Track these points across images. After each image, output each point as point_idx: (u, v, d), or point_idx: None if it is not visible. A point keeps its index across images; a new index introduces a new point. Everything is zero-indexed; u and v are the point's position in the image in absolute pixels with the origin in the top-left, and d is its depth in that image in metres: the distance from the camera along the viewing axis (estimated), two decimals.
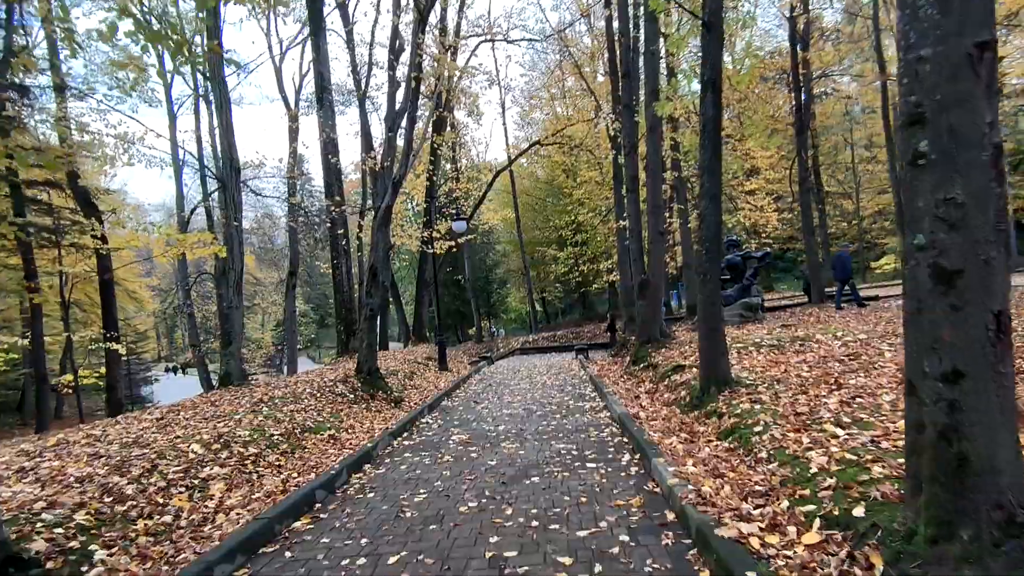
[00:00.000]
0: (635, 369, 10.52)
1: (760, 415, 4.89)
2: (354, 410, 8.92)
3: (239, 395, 8.93)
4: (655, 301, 11.03)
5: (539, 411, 8.25)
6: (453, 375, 14.77)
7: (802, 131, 17.37)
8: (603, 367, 13.44)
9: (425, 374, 14.52)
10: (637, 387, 9.17)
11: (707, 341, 6.24)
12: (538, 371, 14.60)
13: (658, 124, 10.82)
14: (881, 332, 8.63)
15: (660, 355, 10.17)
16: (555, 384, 11.28)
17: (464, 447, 6.35)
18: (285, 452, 6.28)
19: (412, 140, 10.65)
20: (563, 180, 33.33)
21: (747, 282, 15.13)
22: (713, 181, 6.14)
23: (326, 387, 9.64)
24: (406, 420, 8.01)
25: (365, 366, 10.61)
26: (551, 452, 5.72)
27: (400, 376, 12.77)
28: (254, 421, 6.94)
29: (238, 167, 9.91)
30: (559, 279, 28.12)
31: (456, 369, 16.80)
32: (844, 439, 3.92)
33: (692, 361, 8.46)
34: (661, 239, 10.96)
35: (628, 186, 11.51)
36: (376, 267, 10.53)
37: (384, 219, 10.50)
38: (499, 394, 10.58)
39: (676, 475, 4.16)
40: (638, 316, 11.26)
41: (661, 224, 10.93)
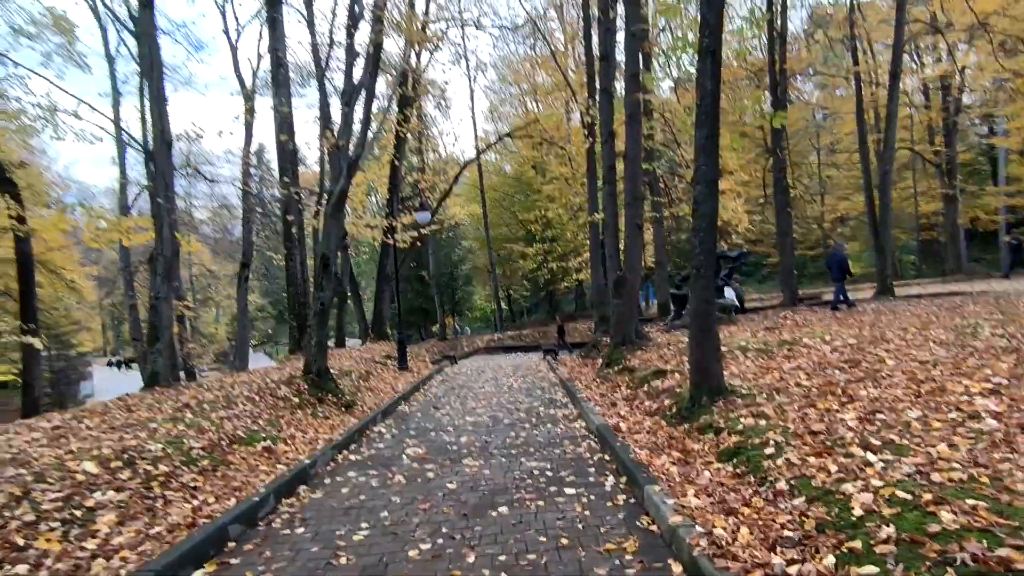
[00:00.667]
0: (609, 372, 9.80)
1: (768, 433, 4.17)
2: (297, 416, 7.91)
3: (163, 398, 7.80)
4: (631, 300, 10.34)
5: (506, 419, 7.42)
6: (413, 376, 13.81)
7: (777, 130, 17.00)
8: (573, 369, 12.70)
9: (383, 374, 13.51)
10: (613, 392, 8.43)
11: (699, 344, 5.51)
12: (504, 372, 13.77)
13: (638, 111, 10.12)
14: (870, 336, 8.11)
15: (636, 358, 9.47)
16: (523, 387, 10.46)
17: (420, 464, 5.46)
18: (205, 470, 5.26)
19: (371, 118, 9.66)
20: (532, 176, 32.62)
21: (721, 282, 14.63)
22: (710, 163, 5.41)
23: (268, 389, 8.58)
24: (355, 429, 7.05)
25: (314, 366, 9.58)
26: (521, 472, 4.88)
27: (354, 377, 11.74)
28: (172, 431, 5.89)
29: (169, 140, 8.75)
30: (527, 276, 27.37)
31: (417, 369, 15.82)
32: (881, 468, 3.20)
33: (674, 366, 7.77)
34: (639, 233, 10.28)
35: (605, 177, 10.78)
36: (328, 257, 9.51)
37: (338, 204, 9.49)
38: (462, 398, 9.70)
39: (677, 510, 3.38)
40: (613, 315, 10.55)
41: (639, 217, 10.24)
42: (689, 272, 14.57)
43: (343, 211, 9.71)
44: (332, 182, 9.72)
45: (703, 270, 5.43)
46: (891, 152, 16.78)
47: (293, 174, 16.41)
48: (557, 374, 11.61)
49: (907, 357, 6.39)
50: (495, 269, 31.36)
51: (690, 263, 18.39)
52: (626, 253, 10.35)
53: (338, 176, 9.57)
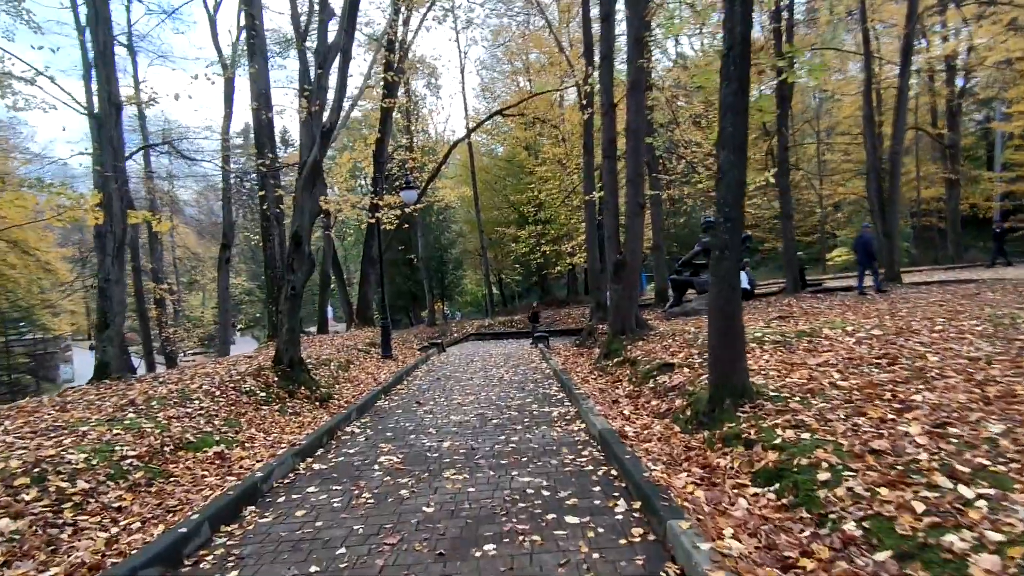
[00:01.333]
0: (608, 364, 9.02)
1: (816, 450, 3.38)
2: (262, 414, 7.07)
3: (108, 394, 6.93)
4: (632, 285, 9.53)
5: (495, 418, 6.61)
6: (398, 365, 12.97)
7: (783, 104, 16.16)
8: (567, 359, 11.92)
9: (364, 363, 12.67)
10: (613, 387, 7.65)
11: (721, 336, 4.70)
12: (494, 361, 12.98)
13: (642, 79, 9.24)
14: (894, 327, 7.36)
15: (638, 349, 8.69)
16: (514, 380, 9.67)
17: (393, 477, 4.64)
18: (136, 485, 4.42)
19: (347, 82, 8.71)
20: (525, 157, 31.59)
21: None
22: (738, 124, 4.56)
23: (231, 382, 7.72)
24: (325, 429, 6.22)
25: (285, 356, 8.72)
26: (512, 491, 4.09)
27: (332, 367, 10.90)
28: (105, 435, 5.04)
29: (118, 103, 7.76)
30: (519, 260, 26.48)
31: (402, 357, 15.00)
32: (988, 510, 2.43)
33: (683, 359, 6.98)
34: (640, 213, 9.45)
35: (604, 152, 9.91)
36: (300, 235, 8.60)
37: (311, 176, 8.56)
38: (447, 392, 8.89)
39: (715, 560, 2.60)
40: (612, 302, 9.75)
41: (641, 196, 9.40)
42: (690, 256, 13.77)
43: (317, 184, 8.78)
44: (305, 152, 8.78)
45: (728, 250, 4.61)
46: (902, 131, 16.00)
47: (272, 150, 15.38)
48: (550, 364, 10.83)
49: (949, 352, 5.65)
50: (486, 253, 30.46)
51: (685, 249, 17.49)
52: (626, 234, 9.52)
53: (311, 145, 8.63)
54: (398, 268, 34.91)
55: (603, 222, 9.83)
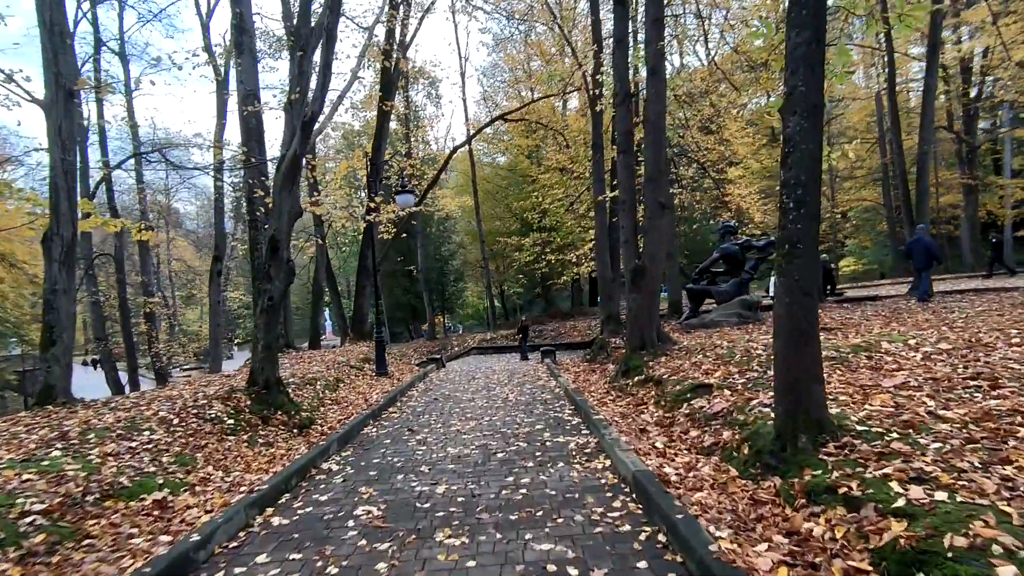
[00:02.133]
0: (627, 384, 7.95)
1: (975, 523, 2.32)
2: (226, 446, 6.01)
3: (39, 424, 5.87)
4: (652, 295, 8.50)
5: (501, 451, 5.55)
6: (392, 383, 11.90)
7: None
8: (578, 376, 10.86)
9: (356, 382, 11.61)
10: (638, 412, 6.59)
11: (793, 352, 3.66)
12: (497, 379, 11.92)
13: (662, 64, 8.27)
14: (961, 340, 6.30)
15: (662, 366, 7.63)
16: (521, 401, 8.60)
17: (370, 541, 3.58)
18: (30, 555, 3.37)
19: (331, 66, 7.76)
20: (527, 165, 30.72)
21: (747, 276, 12.86)
22: (813, 82, 3.56)
23: (195, 407, 6.68)
24: (294, 469, 5.15)
25: (260, 376, 7.69)
26: (527, 567, 3.02)
27: (319, 387, 9.85)
28: (10, 482, 4.00)
29: (68, 87, 6.79)
30: (522, 270, 25.45)
31: (398, 374, 13.93)
32: None
33: (720, 379, 5.92)
34: (662, 214, 8.43)
35: (619, 146, 8.92)
36: (278, 239, 7.61)
37: (290, 173, 7.58)
38: (445, 416, 7.81)
39: None
40: (630, 313, 8.70)
41: (663, 194, 8.40)
42: (708, 264, 12.73)
43: (297, 182, 7.79)
44: (284, 146, 7.81)
45: (800, 243, 3.59)
46: (930, 132, 15.04)
47: (259, 151, 14.43)
48: (560, 382, 9.77)
49: None
50: (488, 264, 29.48)
51: (694, 258, 16.28)
52: (645, 238, 8.50)
53: (291, 138, 7.66)
54: (397, 280, 33.92)
55: (618, 224, 8.80)
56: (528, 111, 23.70)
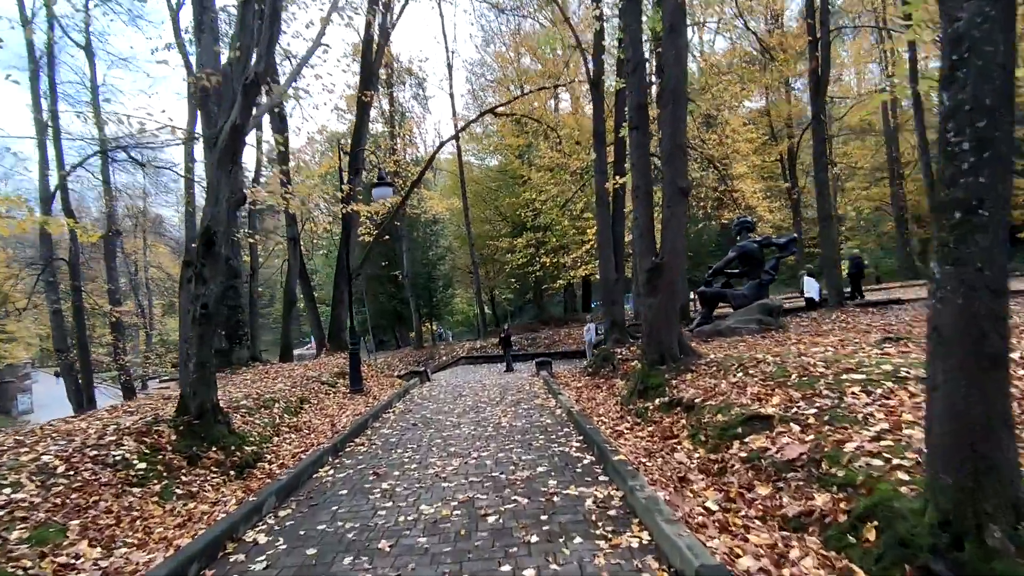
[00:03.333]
0: (646, 408, 6.51)
1: None
2: (127, 503, 4.51)
3: None
4: (672, 297, 7.10)
5: (492, 514, 4.06)
6: (367, 402, 10.39)
7: (819, 92, 13.99)
8: (581, 392, 9.42)
9: (325, 402, 10.09)
10: (668, 448, 5.15)
11: (969, 386, 2.24)
12: (488, 396, 10.44)
13: (682, 22, 6.90)
14: None
15: (690, 385, 6.21)
16: (516, 428, 7.12)
17: None
18: None
19: (279, 18, 6.31)
20: (518, 166, 29.34)
21: (767, 277, 11.50)
22: None
23: (97, 448, 5.16)
24: (198, 548, 3.63)
25: (193, 402, 6.18)
26: None
27: (277, 410, 8.34)
28: None
29: None
30: (514, 274, 23.93)
31: (377, 389, 12.42)
32: None
33: (780, 408, 4.50)
34: (683, 201, 7.04)
35: (632, 122, 7.52)
36: (214, 231, 6.12)
37: (229, 148, 6.10)
38: (423, 451, 6.31)
39: None
40: (645, 320, 7.26)
41: (683, 177, 7.00)
42: (723, 264, 11.33)
43: (239, 160, 6.31)
44: (223, 115, 6.33)
45: (986, 205, 2.18)
46: None
47: None
48: (561, 401, 8.32)
49: None
50: (477, 268, 28.01)
51: (698, 261, 14.46)
52: (663, 229, 7.10)
53: (231, 106, 6.18)
54: (382, 285, 32.36)
55: (622, 218, 7.38)
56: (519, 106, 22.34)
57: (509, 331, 19.37)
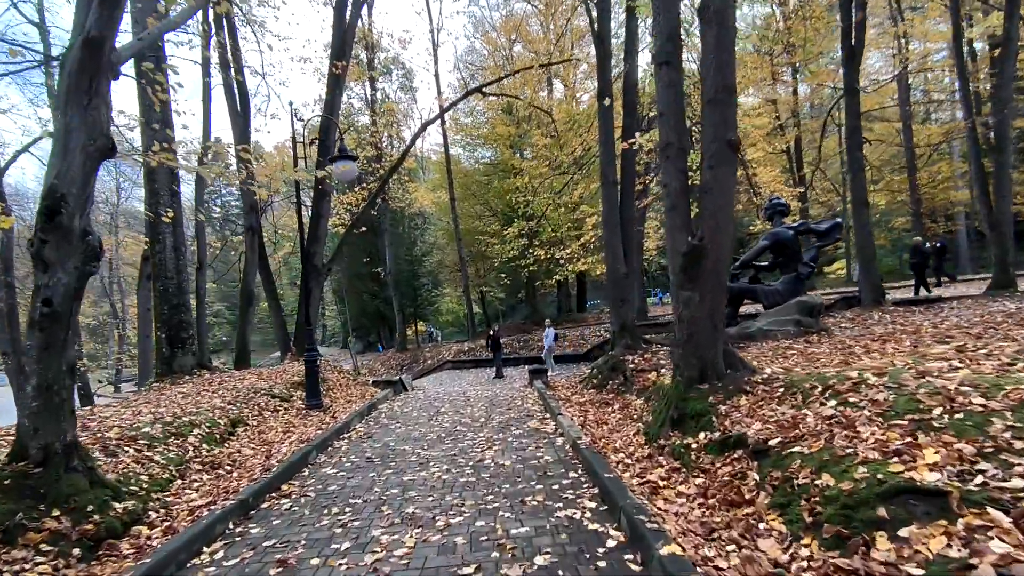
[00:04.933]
0: (686, 445, 4.63)
1: None
2: None
3: None
4: (716, 290, 5.24)
5: None
6: (324, 422, 8.45)
7: (853, 59, 12.22)
8: (585, 412, 7.54)
9: (269, 422, 8.16)
10: (741, 527, 3.27)
11: None
12: (471, 414, 8.54)
13: None
14: None
15: (752, 415, 4.36)
16: (504, 471, 5.21)
17: None
18: None
19: None
20: (509, 155, 27.45)
21: (806, 270, 9.69)
22: None
23: None
24: None
25: (33, 442, 4.23)
26: None
27: (194, 438, 6.42)
28: None
29: None
30: (505, 267, 21.93)
31: (344, 402, 10.52)
32: None
33: (943, 471, 2.62)
34: (732, 159, 5.19)
35: (657, 56, 5.63)
36: (61, 195, 4.17)
37: (81, 72, 4.17)
38: (368, 514, 4.38)
39: None
40: (680, 322, 5.36)
41: (730, 126, 5.15)
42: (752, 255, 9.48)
43: (101, 92, 4.35)
44: (76, 31, 4.38)
45: None
46: (1009, 90, 12.08)
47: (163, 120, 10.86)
48: (562, 425, 6.46)
49: None
50: (465, 265, 26.07)
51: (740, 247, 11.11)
52: (703, 199, 5.24)
53: (85, 13, 4.24)
54: (364, 283, 30.36)
55: (663, 179, 5.50)
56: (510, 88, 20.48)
57: (498, 332, 17.46)
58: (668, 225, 5.48)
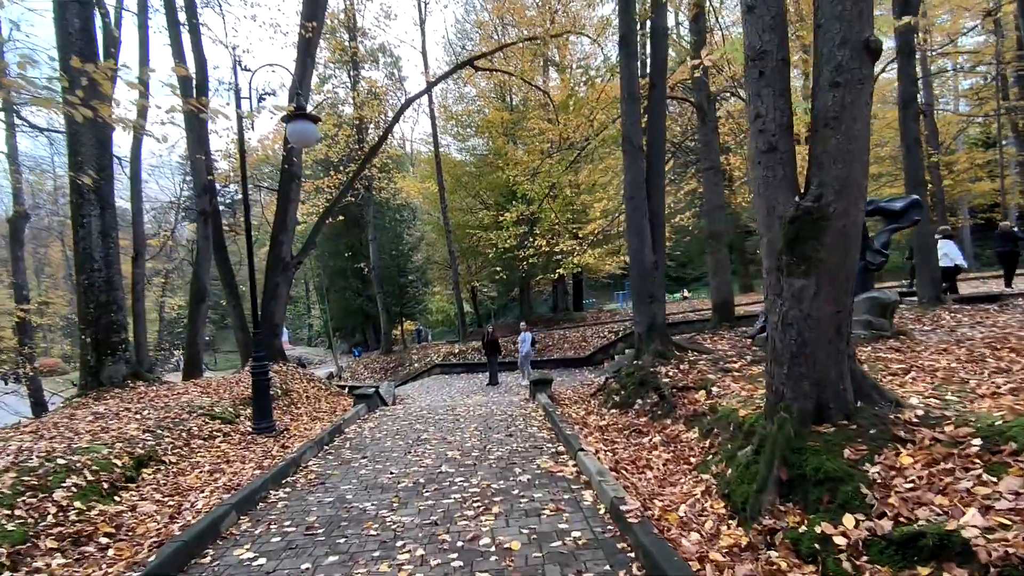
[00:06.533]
0: (818, 537, 2.74)
1: None
2: None
3: None
4: (844, 277, 3.36)
5: None
6: (270, 454, 6.51)
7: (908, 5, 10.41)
8: (615, 449, 5.66)
9: (194, 458, 6.22)
10: None
11: None
12: (460, 443, 6.61)
13: None
14: None
15: (930, 484, 2.47)
16: (521, 566, 3.31)
17: None
18: None
19: None
20: (502, 144, 25.47)
21: (878, 260, 7.87)
22: None
23: None
24: None
25: None
26: None
27: (67, 491, 4.48)
28: None
29: None
30: (501, 258, 19.83)
31: (305, 423, 8.58)
32: None
33: None
34: (866, 76, 3.29)
35: None
36: None
37: None
38: None
39: None
40: (781, 325, 3.46)
41: (867, 26, 3.25)
42: None
43: None
44: None
45: None
46: None
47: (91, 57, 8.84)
48: (588, 472, 4.60)
49: None
50: (455, 260, 24.11)
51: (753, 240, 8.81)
52: (819, 138, 3.35)
53: None
54: (347, 280, 28.30)
55: (752, 103, 3.54)
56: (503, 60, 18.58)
57: (495, 333, 15.54)
58: (760, 178, 3.59)
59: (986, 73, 24.00)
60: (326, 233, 28.34)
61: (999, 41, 20.43)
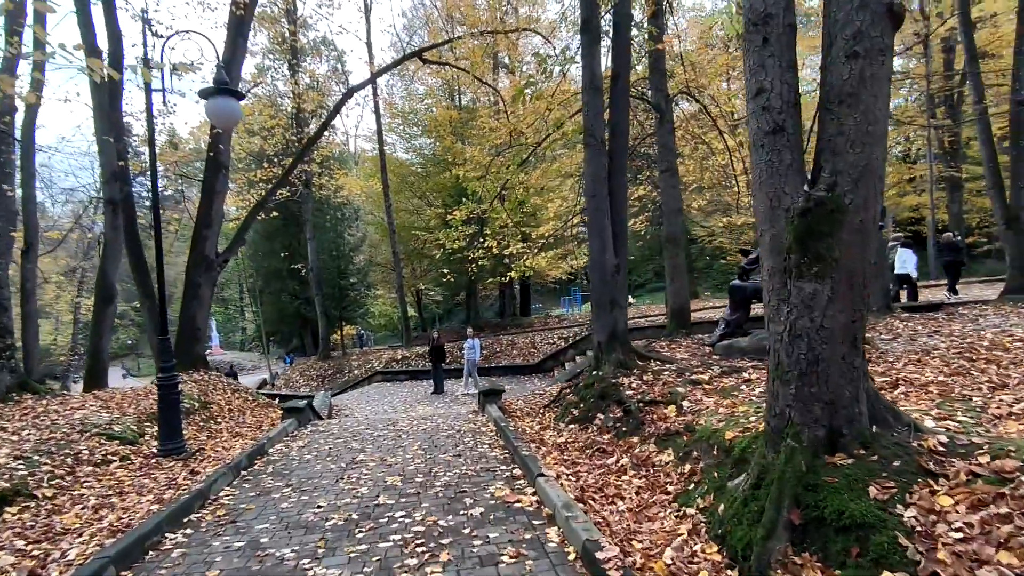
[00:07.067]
0: None
1: None
2: None
3: None
4: (859, 281, 2.86)
5: None
6: (175, 482, 5.52)
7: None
8: (579, 473, 5.05)
9: (80, 488, 5.18)
10: None
11: None
12: (403, 464, 5.83)
13: None
14: None
15: (983, 532, 1.96)
16: None
17: None
18: None
19: None
20: (451, 143, 24.67)
21: None
22: None
23: None
24: None
25: None
26: None
27: None
28: None
29: None
30: (448, 260, 18.91)
31: (225, 441, 7.55)
32: None
33: None
34: (887, 46, 2.83)
35: None
36: None
37: None
38: None
39: None
40: (792, 337, 2.93)
41: None
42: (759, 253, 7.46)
43: None
44: None
45: None
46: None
47: None
48: (553, 504, 3.97)
49: None
50: (399, 261, 23.09)
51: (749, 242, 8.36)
52: (830, 118, 2.85)
53: None
54: (282, 282, 26.70)
55: (752, 75, 2.97)
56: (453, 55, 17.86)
57: (441, 339, 14.72)
58: (762, 164, 3.07)
59: (913, 91, 25.18)
60: (261, 232, 26.70)
61: (928, 63, 21.38)
